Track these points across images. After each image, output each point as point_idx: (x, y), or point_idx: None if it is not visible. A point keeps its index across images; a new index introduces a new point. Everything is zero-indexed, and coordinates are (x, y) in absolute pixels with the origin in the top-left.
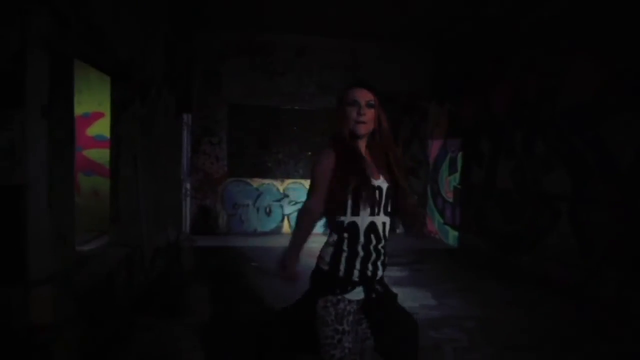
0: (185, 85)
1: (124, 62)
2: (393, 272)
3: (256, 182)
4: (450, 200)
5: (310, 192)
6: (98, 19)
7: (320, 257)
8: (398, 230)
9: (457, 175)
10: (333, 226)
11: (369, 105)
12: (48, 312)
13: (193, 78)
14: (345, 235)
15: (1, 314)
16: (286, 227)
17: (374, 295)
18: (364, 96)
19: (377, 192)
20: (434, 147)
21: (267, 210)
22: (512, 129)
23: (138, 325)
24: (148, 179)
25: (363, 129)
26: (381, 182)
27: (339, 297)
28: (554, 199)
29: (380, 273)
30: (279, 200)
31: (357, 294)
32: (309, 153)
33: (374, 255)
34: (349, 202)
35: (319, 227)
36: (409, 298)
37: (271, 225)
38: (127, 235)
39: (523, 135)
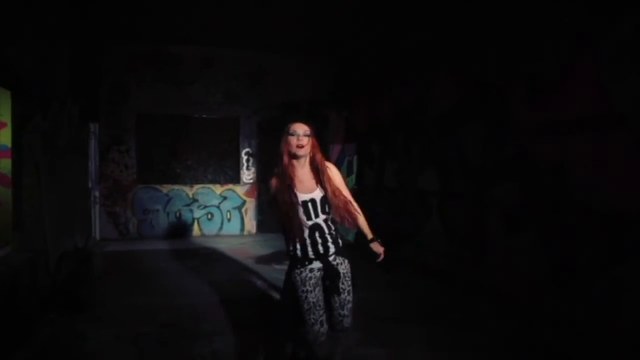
0: (92, 95)
1: (24, 79)
2: None
3: (166, 188)
4: None
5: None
6: None
7: (287, 246)
8: None
9: (354, 176)
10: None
11: (305, 135)
12: None
13: (100, 88)
14: (296, 234)
15: None
16: (196, 230)
17: (332, 264)
18: (301, 128)
19: (310, 203)
20: (335, 151)
21: (177, 214)
22: (395, 135)
23: (41, 322)
24: (51, 187)
25: (301, 152)
26: (315, 195)
27: (302, 269)
28: (427, 195)
29: (332, 249)
30: (188, 205)
31: (317, 264)
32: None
33: (320, 241)
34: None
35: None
36: None
37: (181, 229)
38: (30, 241)
39: (403, 140)
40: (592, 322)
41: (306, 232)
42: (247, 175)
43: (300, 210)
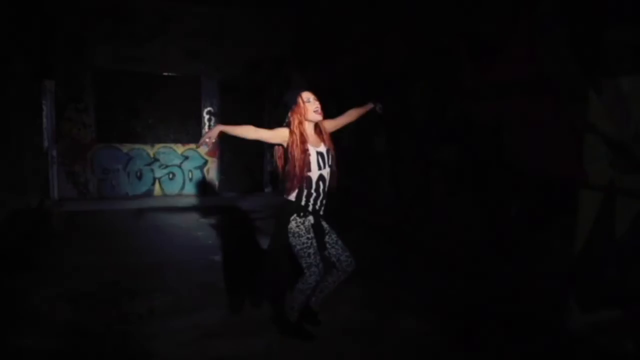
0: (45, 51)
1: None
2: (254, 223)
3: (126, 147)
4: None
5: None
6: None
7: (287, 193)
8: (267, 190)
9: None
10: (297, 179)
11: (316, 100)
12: None
13: (54, 44)
14: (305, 184)
15: None
16: (157, 190)
17: (321, 223)
18: (313, 95)
19: (319, 156)
20: None
21: (138, 174)
22: (351, 94)
23: None
24: None
25: (319, 117)
26: (322, 149)
27: (303, 219)
28: (380, 156)
29: (323, 209)
30: (149, 165)
31: (311, 218)
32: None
33: (321, 195)
34: (305, 165)
35: None
36: (265, 242)
37: (142, 188)
38: None
39: (359, 99)
40: (521, 277)
41: (314, 184)
42: None
43: (314, 160)
